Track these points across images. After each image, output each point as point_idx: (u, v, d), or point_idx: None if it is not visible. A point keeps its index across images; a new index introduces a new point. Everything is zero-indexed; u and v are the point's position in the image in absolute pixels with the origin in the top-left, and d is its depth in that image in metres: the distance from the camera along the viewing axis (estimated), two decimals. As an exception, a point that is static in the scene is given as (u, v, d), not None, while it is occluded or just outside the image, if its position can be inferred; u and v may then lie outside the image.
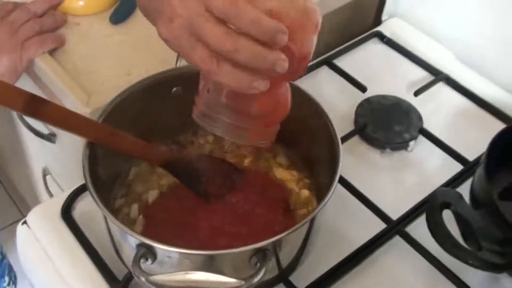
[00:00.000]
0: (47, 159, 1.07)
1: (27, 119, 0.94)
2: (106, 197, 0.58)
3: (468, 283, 0.60)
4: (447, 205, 0.55)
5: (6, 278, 1.20)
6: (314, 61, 0.84)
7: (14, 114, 1.02)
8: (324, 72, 0.84)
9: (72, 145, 0.84)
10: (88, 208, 0.66)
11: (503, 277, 0.62)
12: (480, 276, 0.62)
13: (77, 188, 0.67)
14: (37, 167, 1.16)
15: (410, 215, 0.65)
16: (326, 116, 0.60)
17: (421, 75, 0.84)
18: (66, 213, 0.66)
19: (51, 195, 1.09)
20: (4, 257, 1.17)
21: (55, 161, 1.03)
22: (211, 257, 0.49)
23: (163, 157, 0.60)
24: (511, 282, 0.61)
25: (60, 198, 0.67)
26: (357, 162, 0.75)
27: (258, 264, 0.49)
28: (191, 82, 0.63)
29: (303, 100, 0.61)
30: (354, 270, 0.61)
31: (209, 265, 0.49)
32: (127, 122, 0.59)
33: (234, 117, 0.50)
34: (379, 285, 0.62)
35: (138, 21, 0.82)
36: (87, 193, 0.66)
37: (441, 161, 0.74)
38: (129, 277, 0.59)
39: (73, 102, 0.71)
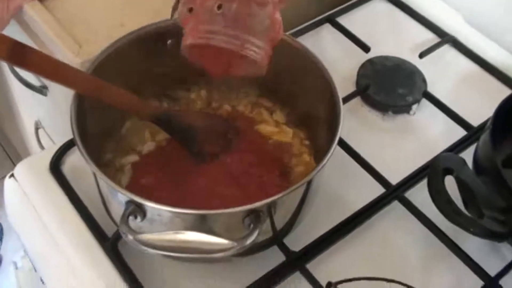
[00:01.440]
0: (39, 112, 1.04)
1: (19, 71, 0.91)
2: (95, 152, 0.55)
3: (467, 251, 0.58)
4: (449, 171, 0.53)
5: None
6: (317, 19, 0.81)
7: (6, 66, 0.99)
8: (327, 30, 0.81)
9: (63, 98, 0.82)
10: (78, 163, 0.64)
11: (503, 246, 0.61)
12: (479, 244, 0.60)
13: (67, 142, 0.64)
14: (29, 120, 1.13)
15: (410, 181, 0.63)
16: (327, 73, 0.57)
17: (427, 37, 0.81)
18: (55, 167, 0.64)
19: (43, 148, 1.07)
20: None
21: (47, 114, 1.00)
22: (203, 217, 0.47)
23: (155, 112, 0.58)
24: (511, 250, 0.60)
25: (49, 152, 0.64)
26: (357, 125, 0.72)
27: (252, 226, 0.47)
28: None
29: (302, 56, 0.59)
30: (350, 235, 0.60)
31: (200, 225, 0.47)
32: (118, 75, 0.57)
33: (233, 24, 0.49)
34: (376, 250, 0.60)
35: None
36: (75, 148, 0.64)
37: (444, 126, 0.71)
38: (118, 235, 0.57)
39: (63, 52, 0.68)
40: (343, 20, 0.82)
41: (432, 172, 0.52)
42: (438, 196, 0.51)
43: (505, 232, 0.50)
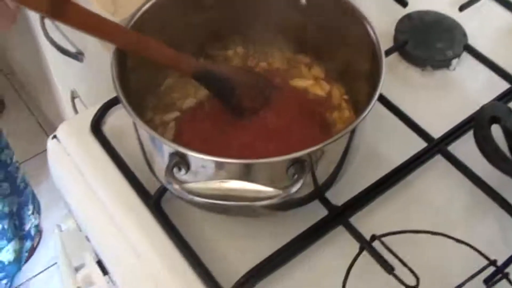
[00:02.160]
0: (75, 81, 1.05)
1: (54, 36, 0.92)
2: (137, 109, 0.55)
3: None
4: (496, 120, 0.52)
5: (30, 207, 1.21)
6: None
7: (42, 35, 0.99)
8: (363, -14, 0.79)
9: (100, 64, 0.82)
10: (118, 122, 0.65)
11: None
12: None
13: (107, 103, 0.65)
14: (65, 90, 1.15)
15: (453, 134, 0.62)
16: (371, 27, 0.56)
17: (467, -11, 0.79)
18: (96, 127, 0.64)
19: (80, 118, 1.08)
20: (27, 185, 1.18)
21: (83, 82, 1.01)
22: (247, 166, 0.47)
23: (196, 67, 0.57)
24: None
25: (90, 113, 0.65)
26: (396, 81, 0.71)
27: (296, 176, 0.47)
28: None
29: (345, 10, 0.58)
30: (392, 189, 0.59)
31: (245, 175, 0.47)
32: (155, 32, 0.56)
33: None
34: (418, 204, 0.60)
35: None
36: (116, 107, 0.65)
37: (487, 80, 0.70)
38: (161, 192, 0.58)
39: (98, 12, 0.68)
40: (379, -25, 0.80)
41: (479, 120, 0.51)
42: (485, 144, 0.50)
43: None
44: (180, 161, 0.48)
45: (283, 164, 0.47)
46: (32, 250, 1.38)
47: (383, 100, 0.65)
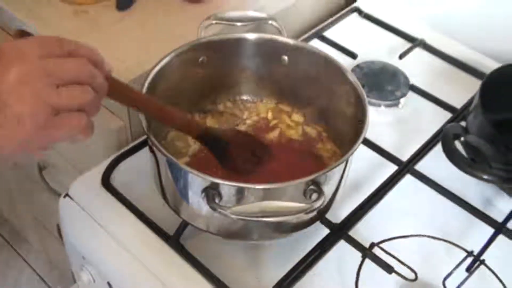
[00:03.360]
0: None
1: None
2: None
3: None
4: (456, 137, 0.65)
5: None
6: (306, 35, 0.92)
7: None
8: (316, 44, 0.92)
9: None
10: (125, 177, 0.71)
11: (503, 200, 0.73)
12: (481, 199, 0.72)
13: (115, 158, 0.71)
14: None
15: (417, 156, 0.75)
16: (352, 78, 0.66)
17: (400, 42, 0.94)
18: (106, 181, 0.70)
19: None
20: None
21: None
22: (272, 190, 0.55)
23: (200, 129, 0.65)
24: (506, 203, 0.72)
25: (98, 170, 0.71)
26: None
27: (315, 195, 0.56)
28: (216, 51, 0.70)
29: (324, 63, 0.69)
30: (377, 207, 0.69)
31: (268, 199, 0.56)
32: (161, 92, 0.65)
33: None
34: (402, 214, 0.70)
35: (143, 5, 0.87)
36: (122, 163, 0.72)
37: (431, 112, 0.83)
38: (182, 229, 0.65)
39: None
40: (327, 34, 0.94)
41: (444, 137, 0.63)
42: (453, 155, 0.62)
43: (507, 177, 0.61)
44: (215, 193, 0.55)
45: (301, 186, 0.56)
46: None
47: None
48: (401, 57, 0.90)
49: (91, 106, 0.48)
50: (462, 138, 0.66)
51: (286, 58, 0.71)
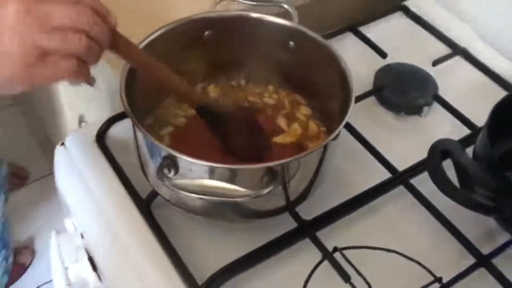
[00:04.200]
0: (83, 105, 1.14)
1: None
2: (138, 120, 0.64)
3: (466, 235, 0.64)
4: (448, 153, 0.60)
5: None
6: (340, 27, 0.89)
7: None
8: (349, 38, 0.89)
9: (107, 88, 0.91)
10: (121, 136, 0.73)
11: (497, 233, 0.67)
12: (479, 231, 0.67)
13: (111, 117, 0.73)
14: (73, 115, 1.23)
15: (416, 168, 0.70)
16: (342, 61, 0.65)
17: (440, 48, 0.89)
18: (100, 138, 0.72)
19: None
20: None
21: (92, 105, 1.09)
22: (228, 170, 0.54)
23: (200, 101, 0.64)
24: (502, 235, 0.66)
25: (96, 126, 0.73)
26: (371, 122, 0.79)
27: (268, 182, 0.54)
28: (224, 26, 0.69)
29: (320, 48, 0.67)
30: (358, 211, 0.66)
31: (224, 178, 0.55)
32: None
33: None
34: (380, 226, 0.67)
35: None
36: (118, 123, 0.73)
37: (452, 128, 0.78)
38: (152, 196, 0.65)
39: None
40: (364, 29, 0.90)
41: (430, 151, 0.59)
42: (435, 172, 0.57)
43: (492, 206, 0.56)
44: (170, 163, 0.55)
45: (258, 172, 0.55)
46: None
47: (355, 133, 0.74)
48: (435, 64, 0.84)
49: (89, 54, 0.49)
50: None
51: (292, 44, 0.69)
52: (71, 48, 0.48)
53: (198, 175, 0.55)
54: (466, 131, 0.76)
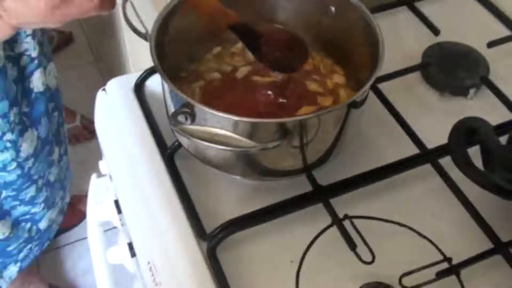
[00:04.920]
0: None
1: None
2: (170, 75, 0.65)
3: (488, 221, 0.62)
4: (473, 131, 0.57)
5: (68, 181, 1.25)
6: (395, 0, 0.86)
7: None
8: (403, 12, 0.86)
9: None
10: (159, 87, 0.75)
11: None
12: (503, 220, 0.63)
13: (149, 68, 0.75)
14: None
15: (446, 147, 0.67)
16: (376, 26, 0.63)
17: (499, 30, 0.84)
18: (138, 88, 0.75)
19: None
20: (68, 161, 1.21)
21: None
22: (240, 122, 0.54)
23: (234, 20, 0.63)
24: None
25: (136, 75, 0.76)
26: (412, 98, 0.77)
27: (279, 139, 0.54)
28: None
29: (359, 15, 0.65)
30: (378, 184, 0.65)
31: (236, 130, 0.55)
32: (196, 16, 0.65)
33: None
34: (399, 201, 0.65)
35: None
36: (156, 74, 0.75)
37: (497, 113, 0.74)
38: (176, 146, 0.67)
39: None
40: (421, 5, 0.86)
41: (454, 127, 0.57)
42: (456, 148, 0.55)
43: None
44: (188, 112, 0.56)
45: (270, 126, 0.55)
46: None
47: (386, 103, 0.72)
48: (490, 45, 0.80)
49: None
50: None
51: (333, 9, 0.68)
52: None
53: (211, 124, 0.56)
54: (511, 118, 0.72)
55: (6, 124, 0.85)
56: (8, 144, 0.88)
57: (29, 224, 1.07)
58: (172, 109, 0.62)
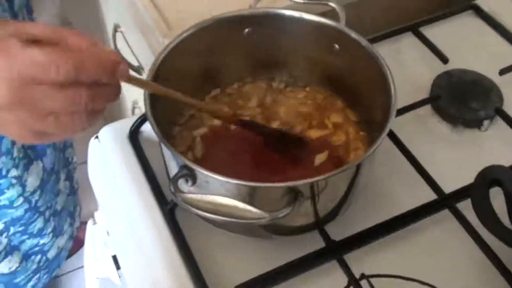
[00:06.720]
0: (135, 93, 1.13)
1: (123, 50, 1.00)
2: (166, 124, 0.61)
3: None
4: (498, 183, 0.53)
5: (78, 208, 1.22)
6: (399, 27, 0.82)
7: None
8: (408, 38, 0.82)
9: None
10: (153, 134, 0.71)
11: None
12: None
13: (144, 114, 0.71)
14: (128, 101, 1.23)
15: (465, 192, 0.63)
16: (385, 65, 0.59)
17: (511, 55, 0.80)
18: (133, 135, 0.70)
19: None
20: (78, 186, 1.20)
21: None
22: (244, 187, 0.50)
23: (234, 119, 0.63)
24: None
25: (130, 121, 0.71)
26: (424, 133, 0.73)
27: (289, 204, 0.50)
28: (264, 24, 0.65)
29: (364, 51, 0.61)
30: (393, 234, 0.61)
31: (242, 196, 0.51)
32: (193, 58, 0.63)
33: None
34: (417, 254, 0.61)
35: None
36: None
37: (514, 147, 0.70)
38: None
39: (155, 34, 0.75)
40: (426, 30, 0.82)
41: (477, 180, 0.52)
42: (480, 204, 0.51)
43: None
44: (187, 173, 0.52)
45: (278, 191, 0.51)
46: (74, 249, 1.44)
47: (400, 146, 0.68)
48: (502, 72, 0.76)
49: (92, 118, 0.46)
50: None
51: (337, 46, 0.64)
52: (69, 130, 0.45)
53: (214, 188, 0.52)
54: (530, 154, 0.68)
55: (10, 161, 0.84)
56: (14, 181, 0.86)
57: (38, 256, 1.06)
58: (170, 163, 0.58)
